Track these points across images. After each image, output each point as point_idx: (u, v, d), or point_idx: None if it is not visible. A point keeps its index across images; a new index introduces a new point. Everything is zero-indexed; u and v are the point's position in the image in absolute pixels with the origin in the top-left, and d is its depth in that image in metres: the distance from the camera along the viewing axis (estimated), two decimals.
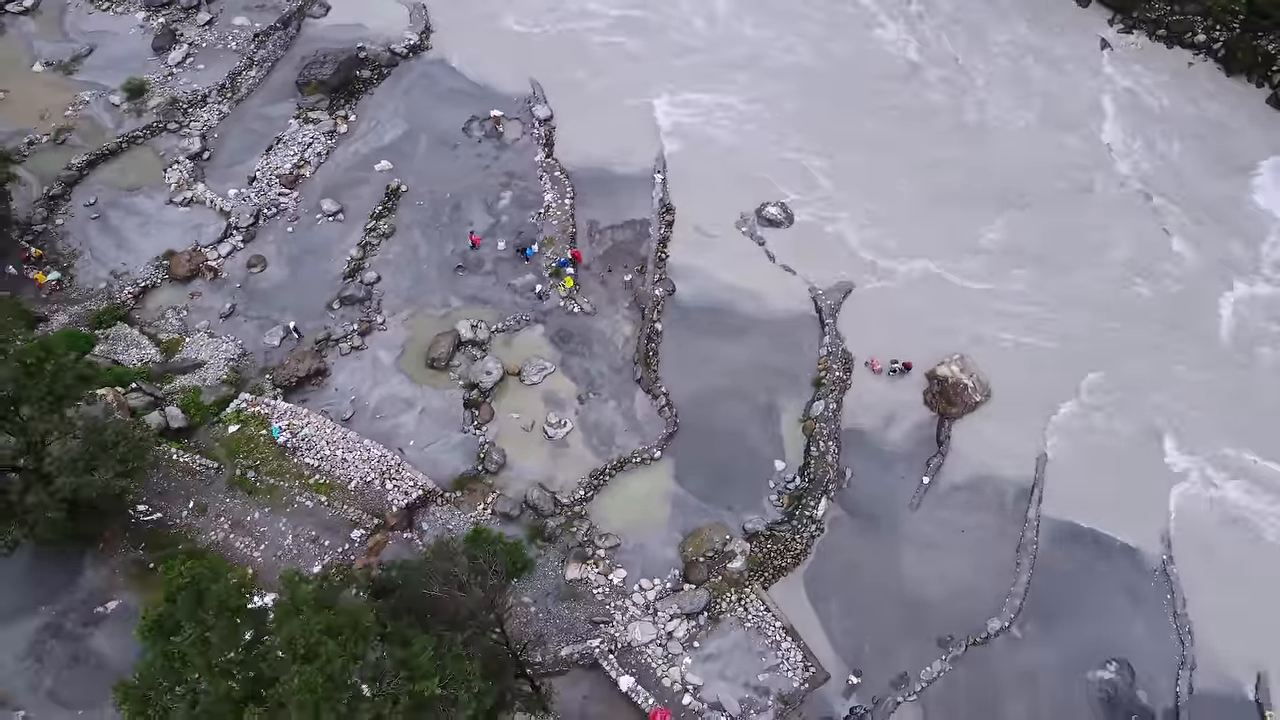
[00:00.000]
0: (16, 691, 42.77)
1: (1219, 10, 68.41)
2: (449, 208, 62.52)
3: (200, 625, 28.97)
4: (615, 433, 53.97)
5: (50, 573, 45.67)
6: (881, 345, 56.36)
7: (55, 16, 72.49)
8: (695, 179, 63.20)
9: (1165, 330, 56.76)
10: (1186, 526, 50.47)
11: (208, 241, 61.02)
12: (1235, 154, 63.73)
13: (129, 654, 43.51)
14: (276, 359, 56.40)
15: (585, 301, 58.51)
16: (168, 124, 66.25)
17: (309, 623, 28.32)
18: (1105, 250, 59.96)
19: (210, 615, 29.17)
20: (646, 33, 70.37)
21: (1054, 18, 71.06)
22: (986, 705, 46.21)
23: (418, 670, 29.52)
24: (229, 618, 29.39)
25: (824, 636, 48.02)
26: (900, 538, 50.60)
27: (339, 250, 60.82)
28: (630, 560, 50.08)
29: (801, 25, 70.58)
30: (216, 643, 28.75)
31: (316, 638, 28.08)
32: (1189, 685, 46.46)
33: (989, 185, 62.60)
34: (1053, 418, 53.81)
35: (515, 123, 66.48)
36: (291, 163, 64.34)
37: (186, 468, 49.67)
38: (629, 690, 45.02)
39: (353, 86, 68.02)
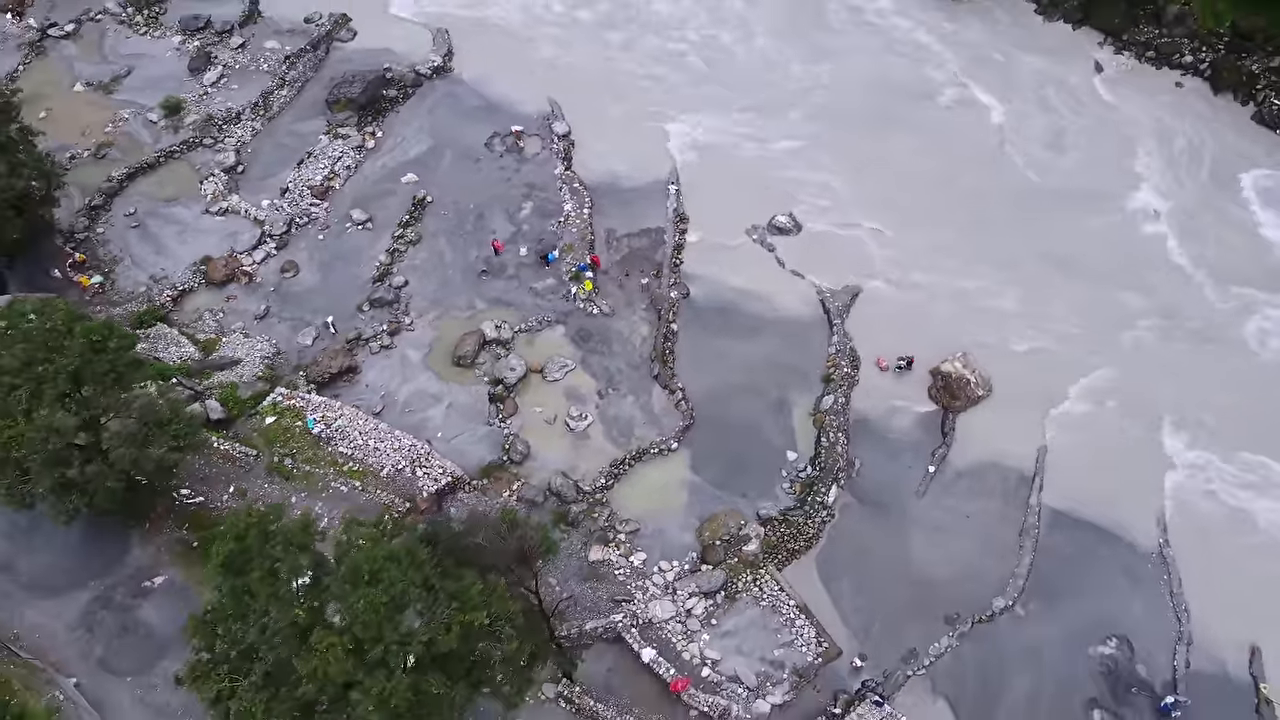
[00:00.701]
0: (68, 660, 44.85)
1: (1205, 33, 71.84)
2: (473, 217, 65.45)
3: (269, 559, 31.33)
4: (634, 425, 56.46)
5: (99, 550, 47.94)
6: (887, 345, 58.91)
7: (95, 40, 75.84)
8: (708, 191, 66.07)
9: (1159, 330, 59.37)
10: (1181, 512, 52.84)
11: (243, 248, 63.84)
12: (1226, 166, 66.54)
13: (176, 624, 45.73)
14: (309, 357, 59.04)
15: (604, 303, 61.24)
16: (203, 140, 69.32)
17: (372, 551, 30.73)
18: (1101, 254, 62.61)
19: (278, 548, 31.56)
20: (662, 57, 73.58)
21: (1047, 41, 74.38)
22: (992, 679, 48.29)
23: (467, 602, 31.89)
24: (294, 551, 31.78)
25: (836, 615, 50.20)
26: (908, 522, 52.93)
27: (368, 256, 63.64)
28: (650, 544, 52.38)
29: (821, 50, 73.35)
30: (284, 574, 31.12)
31: (380, 564, 30.52)
32: (1186, 660, 48.57)
33: (986, 192, 65.50)
34: (1052, 411, 56.34)
35: (535, 138, 69.59)
36: (322, 175, 67.35)
37: (227, 455, 52.09)
38: (651, 661, 47.13)
39: (380, 105, 71.18)
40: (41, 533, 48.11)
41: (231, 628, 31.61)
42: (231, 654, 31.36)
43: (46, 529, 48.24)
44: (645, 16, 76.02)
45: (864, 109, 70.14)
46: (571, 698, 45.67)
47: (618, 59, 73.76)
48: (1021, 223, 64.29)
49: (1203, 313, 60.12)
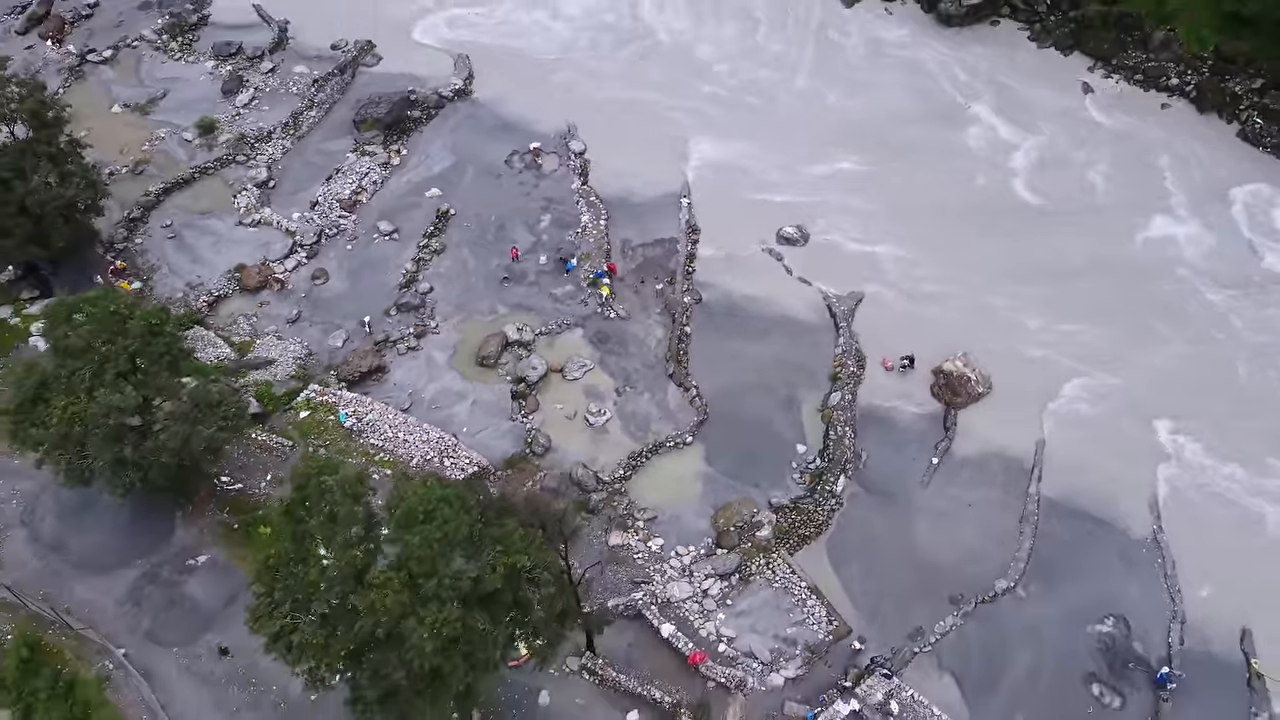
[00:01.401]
0: (117, 633, 47.15)
1: (1189, 57, 75.51)
2: (494, 228, 68.63)
3: (328, 505, 33.91)
4: (650, 421, 59.17)
5: (146, 530, 50.47)
6: (891, 346, 61.70)
7: (132, 65, 79.61)
8: (718, 205, 69.24)
9: (1153, 332, 62.12)
10: (1174, 501, 55.28)
11: (275, 257, 66.92)
12: (1216, 179, 69.71)
13: (219, 599, 48.50)
14: (340, 358, 61.92)
15: (621, 308, 64.18)
16: (236, 157, 72.73)
17: (427, 493, 33.35)
18: (1095, 261, 65.61)
19: (336, 494, 34.17)
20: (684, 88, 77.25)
21: (1040, 66, 78.00)
22: (995, 655, 50.51)
23: (510, 546, 34.40)
24: (351, 499, 34.37)
25: (845, 596, 52.55)
26: (913, 510, 55.43)
27: (395, 265, 66.73)
28: (667, 530, 54.88)
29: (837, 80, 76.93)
30: (343, 517, 33.67)
31: (434, 504, 33.10)
32: (1180, 637, 50.81)
33: (985, 206, 68.74)
34: (1049, 406, 59.00)
35: (553, 156, 72.96)
36: (350, 189, 70.66)
37: (264, 445, 54.80)
38: (670, 636, 49.44)
39: (404, 124, 74.68)
40: (92, 514, 50.68)
41: (293, 570, 34.12)
42: (293, 596, 33.80)
43: (96, 510, 50.90)
44: (665, 48, 79.71)
45: (872, 131, 73.41)
46: (595, 669, 47.91)
47: (637, 84, 77.15)
48: (1018, 234, 67.29)
49: (1195, 315, 62.92)
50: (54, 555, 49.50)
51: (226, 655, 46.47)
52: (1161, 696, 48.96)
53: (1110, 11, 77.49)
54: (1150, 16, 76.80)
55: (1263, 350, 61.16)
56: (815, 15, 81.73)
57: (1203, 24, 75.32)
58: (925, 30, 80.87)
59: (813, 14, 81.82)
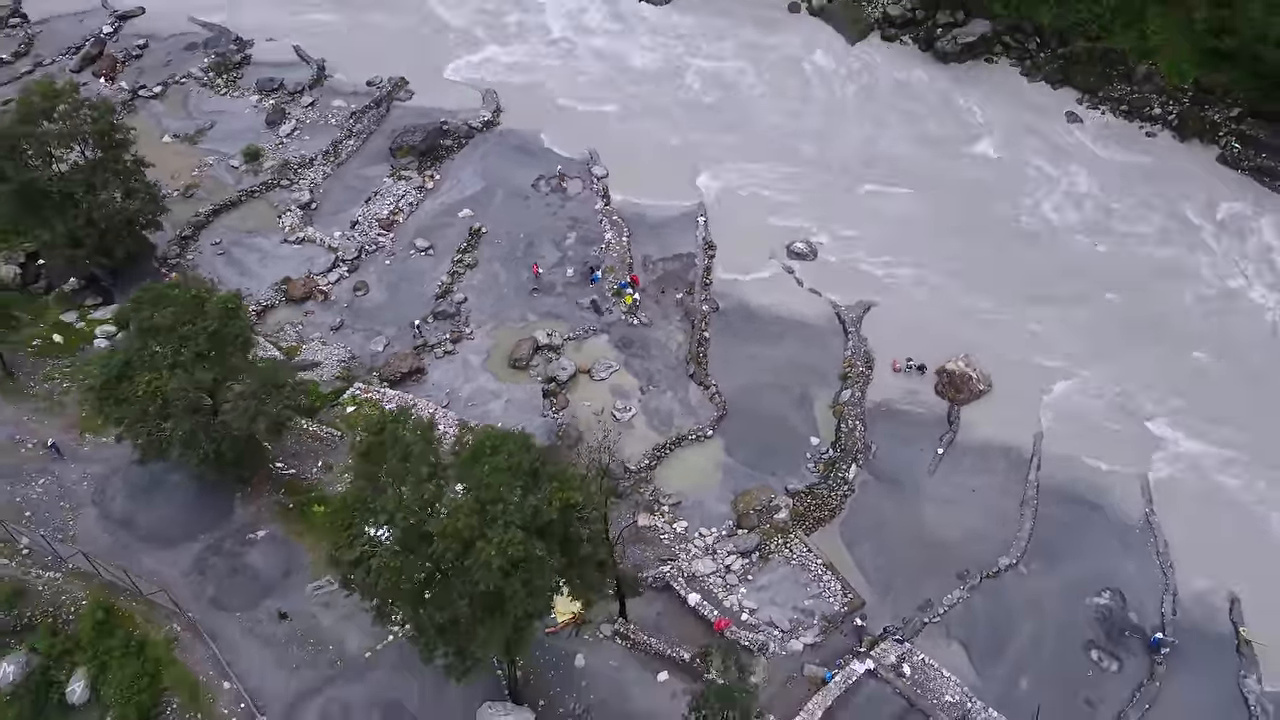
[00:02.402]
0: (184, 600, 50.70)
1: (1171, 89, 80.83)
2: (523, 245, 73.31)
3: (402, 446, 37.85)
4: (673, 416, 63.20)
5: (208, 508, 54.26)
6: (897, 349, 65.93)
7: (180, 100, 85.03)
8: (732, 224, 74.03)
9: (1145, 334, 66.40)
10: (1164, 485, 59.03)
11: (318, 270, 71.45)
12: (1201, 197, 74.64)
13: (278, 568, 52.21)
14: (381, 361, 66.12)
15: (643, 316, 68.58)
16: (280, 181, 77.70)
17: (494, 431, 37.30)
18: (1087, 270, 70.25)
19: (409, 436, 38.13)
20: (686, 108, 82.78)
21: (1033, 99, 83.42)
22: (1000, 625, 53.89)
23: (566, 483, 38.30)
24: (423, 439, 38.34)
25: (858, 572, 56.06)
26: (920, 495, 59.19)
27: (431, 277, 71.26)
28: (690, 514, 58.64)
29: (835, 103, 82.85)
30: (416, 455, 37.59)
31: (500, 439, 37.05)
32: (1172, 608, 54.28)
33: (980, 223, 73.56)
34: (1046, 399, 63.08)
35: (576, 180, 77.90)
36: (388, 210, 75.50)
37: (315, 435, 58.80)
38: (696, 605, 53.01)
39: (438, 152, 79.78)
40: (157, 494, 54.55)
41: (370, 505, 37.95)
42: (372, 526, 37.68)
43: (162, 491, 54.82)
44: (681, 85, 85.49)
45: (875, 158, 78.75)
46: (627, 634, 51.41)
47: (654, 117, 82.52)
48: (1014, 249, 72.04)
49: (1179, 321, 67.29)
50: (123, 531, 53.17)
51: (286, 619, 50.01)
52: (1156, 660, 52.28)
53: (1096, 48, 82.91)
54: (1133, 52, 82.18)
55: (1241, 351, 65.39)
56: (821, 52, 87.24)
57: (1182, 58, 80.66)
58: (924, 66, 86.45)
59: (818, 51, 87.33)
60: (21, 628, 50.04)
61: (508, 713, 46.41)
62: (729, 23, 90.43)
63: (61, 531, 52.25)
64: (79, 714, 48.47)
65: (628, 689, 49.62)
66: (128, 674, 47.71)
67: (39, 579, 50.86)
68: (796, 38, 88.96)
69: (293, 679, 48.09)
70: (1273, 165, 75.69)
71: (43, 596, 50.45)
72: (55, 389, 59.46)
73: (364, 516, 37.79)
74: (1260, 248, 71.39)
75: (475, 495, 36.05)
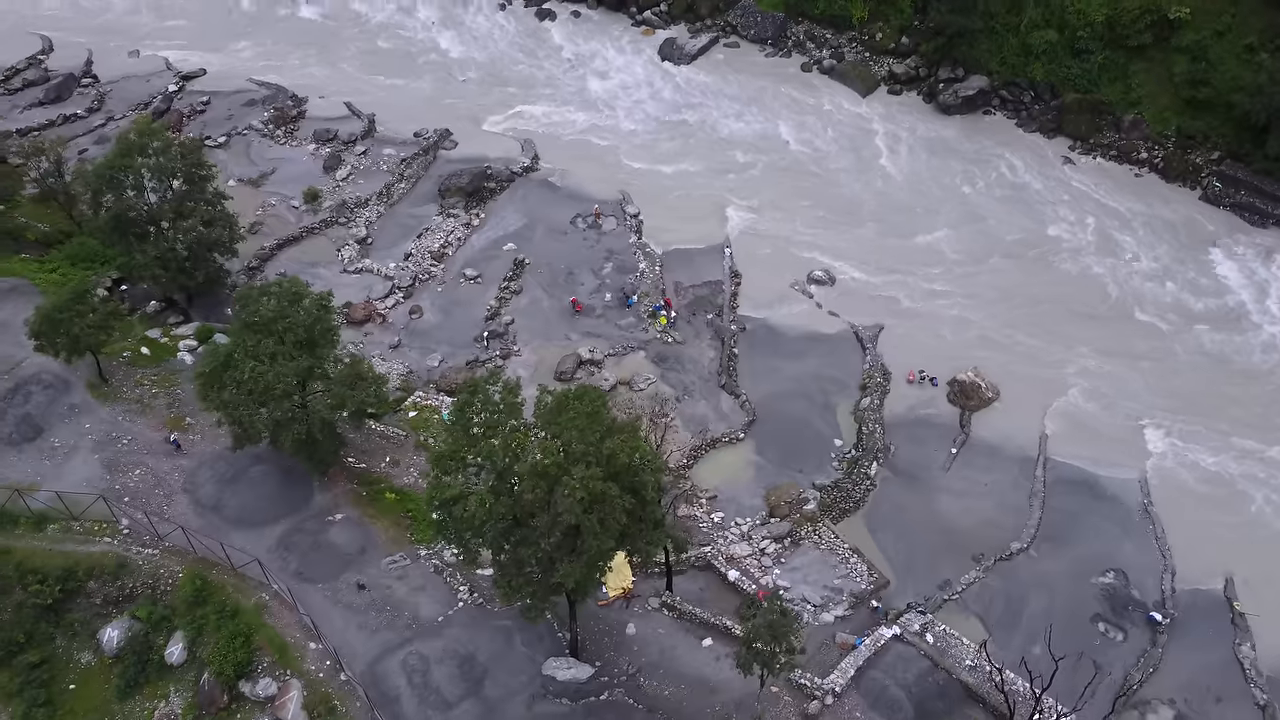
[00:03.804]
0: (270, 573, 55.68)
1: (1155, 135, 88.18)
2: (563, 274, 79.71)
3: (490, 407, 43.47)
4: (708, 421, 68.77)
5: (289, 496, 59.36)
6: (911, 363, 71.84)
7: (243, 149, 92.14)
8: (756, 255, 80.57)
9: (1134, 350, 72.51)
10: (1160, 478, 64.49)
11: (376, 296, 77.68)
12: (1186, 232, 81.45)
13: (356, 545, 57.26)
14: (437, 375, 71.96)
15: (676, 335, 74.62)
16: (338, 219, 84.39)
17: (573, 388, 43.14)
18: (1085, 294, 76.59)
19: (498, 394, 43.72)
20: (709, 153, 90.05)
21: (1028, 146, 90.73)
22: (1013, 602, 58.81)
23: (634, 435, 43.83)
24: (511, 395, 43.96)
25: (882, 556, 61.12)
26: (936, 489, 64.54)
27: (480, 302, 77.45)
28: (726, 507, 63.87)
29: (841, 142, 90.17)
30: (505, 408, 43.19)
31: (582, 389, 42.66)
32: (1171, 586, 59.29)
33: (984, 255, 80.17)
34: (1050, 406, 68.74)
35: (611, 218, 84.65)
36: (438, 243, 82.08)
37: (382, 434, 64.30)
38: (736, 580, 57.99)
39: (482, 193, 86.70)
40: (243, 482, 59.73)
41: (463, 456, 43.38)
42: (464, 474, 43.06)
43: (247, 480, 60.04)
44: (703, 133, 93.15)
45: (884, 198, 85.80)
46: (673, 604, 56.30)
47: (681, 162, 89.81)
48: (1014, 275, 78.56)
49: (1169, 338, 73.44)
50: (213, 514, 58.23)
51: (364, 590, 54.96)
52: (1158, 630, 57.15)
53: (1085, 100, 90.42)
54: (1120, 103, 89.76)
55: (1228, 364, 71.49)
56: (832, 105, 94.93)
57: (1165, 108, 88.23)
58: (928, 118, 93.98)
59: (830, 104, 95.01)
60: (123, 598, 54.85)
61: (570, 666, 51.15)
62: (746, 79, 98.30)
63: (158, 514, 57.33)
64: (177, 672, 53.06)
65: (675, 652, 54.31)
66: (223, 635, 52.36)
67: (139, 555, 55.85)
68: (809, 92, 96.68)
69: (373, 639, 52.83)
70: (1252, 202, 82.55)
71: (142, 570, 55.36)
72: (145, 393, 65.09)
73: (460, 464, 43.21)
74: (1242, 271, 77.76)
75: (561, 439, 41.57)
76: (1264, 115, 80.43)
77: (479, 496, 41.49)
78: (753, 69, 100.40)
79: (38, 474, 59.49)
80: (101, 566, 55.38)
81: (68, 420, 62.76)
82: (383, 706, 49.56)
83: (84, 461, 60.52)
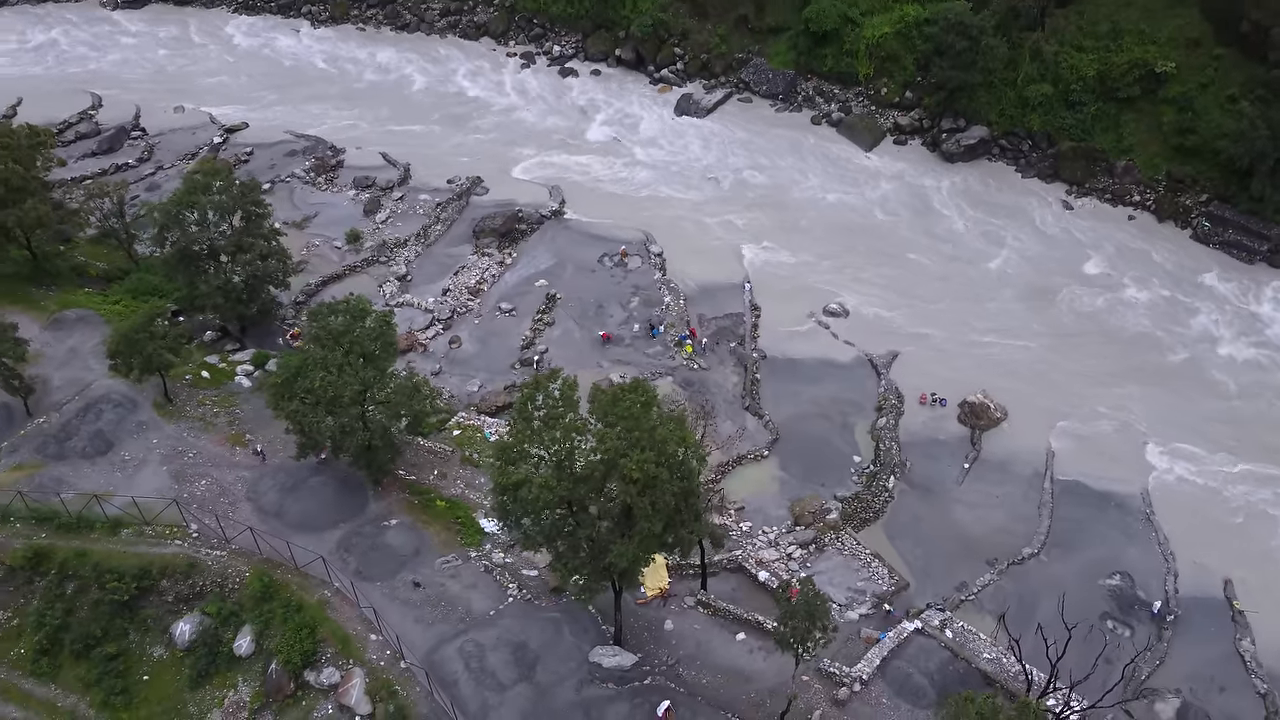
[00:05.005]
0: (332, 571, 59.49)
1: (1147, 180, 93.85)
2: (593, 307, 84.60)
3: (552, 397, 47.88)
4: (734, 441, 73.08)
5: (346, 503, 63.24)
6: (923, 386, 76.38)
7: (286, 195, 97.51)
8: (774, 289, 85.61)
9: (1136, 373, 77.12)
10: (1161, 490, 68.61)
11: (417, 328, 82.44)
12: (1179, 267, 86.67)
13: (410, 548, 61.08)
14: (477, 399, 76.40)
15: (701, 362, 79.26)
16: (379, 258, 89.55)
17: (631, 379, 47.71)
18: (1084, 327, 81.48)
19: (558, 391, 48.10)
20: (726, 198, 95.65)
21: (1027, 190, 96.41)
22: (1026, 602, 62.53)
23: (682, 424, 48.15)
24: (570, 391, 48.38)
25: (901, 561, 65.01)
26: (951, 501, 68.64)
27: (515, 333, 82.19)
28: (753, 517, 67.86)
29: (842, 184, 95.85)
30: (565, 401, 47.49)
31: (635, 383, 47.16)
32: (1174, 587, 63.13)
33: (990, 290, 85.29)
34: (1055, 425, 73.12)
35: (636, 257, 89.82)
36: (475, 279, 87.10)
37: (430, 450, 68.49)
38: (765, 580, 61.82)
39: (514, 234, 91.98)
40: (304, 490, 63.72)
41: (526, 447, 47.65)
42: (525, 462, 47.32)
43: (307, 489, 64.00)
44: (719, 180, 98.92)
45: (896, 240, 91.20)
46: (708, 602, 60.07)
47: (699, 208, 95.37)
48: (1023, 307, 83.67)
49: (1170, 362, 78.24)
50: (275, 520, 62.08)
51: (419, 587, 58.74)
52: (1163, 626, 60.89)
53: (1080, 147, 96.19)
54: (1112, 150, 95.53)
55: (1221, 385, 76.08)
56: (842, 154, 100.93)
57: (1155, 154, 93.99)
58: (932, 166, 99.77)
59: (839, 153, 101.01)
60: (194, 595, 58.54)
61: (615, 654, 54.75)
62: (760, 129, 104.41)
63: (224, 520, 61.31)
64: (245, 664, 56.61)
65: (710, 645, 57.91)
66: (290, 627, 56.05)
67: (208, 556, 59.63)
68: (819, 142, 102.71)
69: (429, 631, 56.45)
70: (1239, 240, 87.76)
71: (211, 570, 59.11)
72: (207, 412, 69.46)
73: (522, 454, 47.48)
74: (1232, 305, 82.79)
75: (618, 427, 45.95)
76: (1247, 159, 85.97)
77: (543, 479, 45.66)
78: (765, 122, 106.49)
79: (110, 484, 63.49)
80: (173, 566, 59.16)
81: (136, 436, 66.98)
82: (442, 689, 53.07)
83: (153, 473, 64.61)
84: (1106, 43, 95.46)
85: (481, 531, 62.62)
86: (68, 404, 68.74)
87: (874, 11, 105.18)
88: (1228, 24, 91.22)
